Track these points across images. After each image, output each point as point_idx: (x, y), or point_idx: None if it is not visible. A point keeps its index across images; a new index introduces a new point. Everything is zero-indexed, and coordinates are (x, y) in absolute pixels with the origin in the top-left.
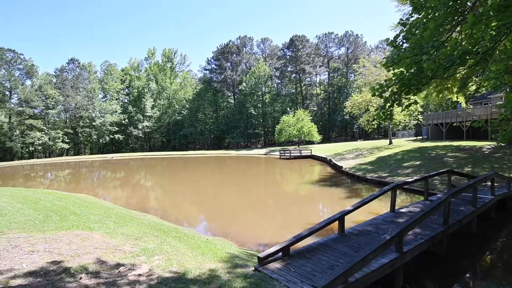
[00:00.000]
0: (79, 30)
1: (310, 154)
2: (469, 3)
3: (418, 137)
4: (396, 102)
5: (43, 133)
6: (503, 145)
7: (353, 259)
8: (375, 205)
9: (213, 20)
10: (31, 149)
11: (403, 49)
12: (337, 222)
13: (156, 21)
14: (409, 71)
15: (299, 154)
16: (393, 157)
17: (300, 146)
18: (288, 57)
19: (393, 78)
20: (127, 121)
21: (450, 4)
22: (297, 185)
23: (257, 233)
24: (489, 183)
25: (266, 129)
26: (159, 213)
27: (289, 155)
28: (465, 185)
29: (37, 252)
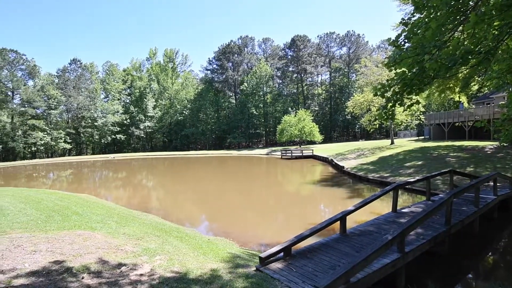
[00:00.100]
0: (81, 30)
1: (311, 154)
2: (471, 3)
3: (420, 137)
4: (398, 102)
5: (45, 133)
6: (505, 145)
7: (354, 259)
8: (377, 205)
9: (215, 20)
10: (33, 149)
11: (405, 48)
12: (338, 222)
13: (157, 22)
14: (411, 71)
15: (301, 154)
16: (395, 157)
17: (301, 146)
18: (289, 57)
19: (395, 78)
20: (128, 121)
21: (452, 3)
22: (298, 185)
23: (259, 233)
24: (492, 183)
25: (267, 129)
26: (160, 213)
27: (290, 155)
28: (467, 185)
29: (39, 252)
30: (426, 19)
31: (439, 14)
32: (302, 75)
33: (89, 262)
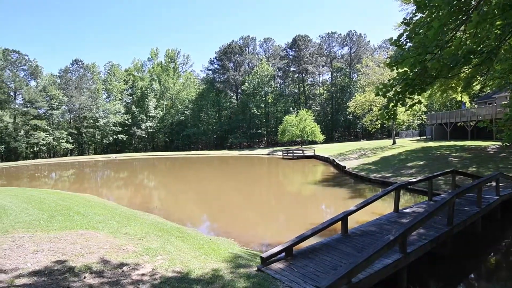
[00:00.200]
0: (83, 31)
1: (313, 154)
2: (473, 2)
3: (422, 137)
4: (400, 101)
5: (48, 133)
6: (508, 145)
7: (356, 259)
8: (379, 206)
9: (216, 20)
10: (35, 149)
11: (406, 48)
12: (340, 222)
13: (159, 22)
14: (413, 70)
15: (302, 154)
16: (397, 157)
17: (303, 146)
18: (291, 57)
19: (396, 77)
20: (130, 121)
21: (454, 3)
22: (300, 185)
23: (260, 233)
24: (494, 184)
25: (268, 129)
26: (162, 213)
27: (292, 155)
28: (470, 185)
29: (42, 251)
30: (428, 19)
31: (441, 13)
32: (303, 75)
33: (91, 261)
